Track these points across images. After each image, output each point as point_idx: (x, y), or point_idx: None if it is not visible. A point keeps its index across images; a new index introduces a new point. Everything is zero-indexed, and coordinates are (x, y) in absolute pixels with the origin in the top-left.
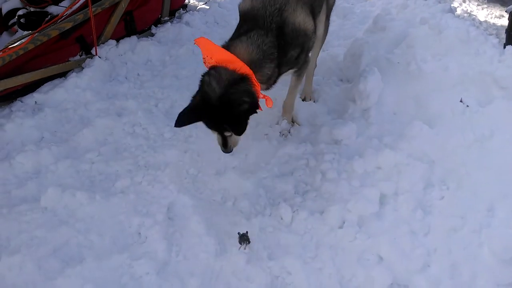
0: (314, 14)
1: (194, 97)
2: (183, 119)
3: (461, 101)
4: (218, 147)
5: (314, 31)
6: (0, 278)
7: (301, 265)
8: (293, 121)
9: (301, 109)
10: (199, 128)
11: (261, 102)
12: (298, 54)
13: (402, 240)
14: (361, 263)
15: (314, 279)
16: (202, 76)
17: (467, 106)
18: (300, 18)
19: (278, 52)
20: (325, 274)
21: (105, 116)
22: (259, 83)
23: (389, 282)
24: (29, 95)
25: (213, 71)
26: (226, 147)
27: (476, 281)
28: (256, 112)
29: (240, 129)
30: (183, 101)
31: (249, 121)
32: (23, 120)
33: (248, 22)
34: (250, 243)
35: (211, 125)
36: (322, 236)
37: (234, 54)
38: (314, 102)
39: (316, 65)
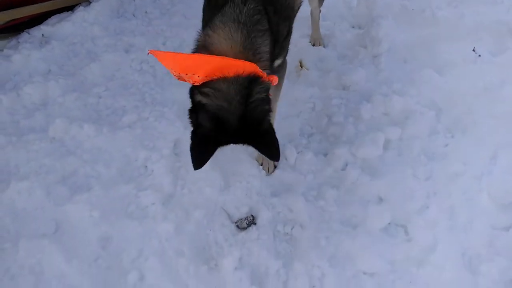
0: None
1: (196, 128)
2: (203, 158)
3: (473, 50)
4: None
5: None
6: (10, 202)
7: (303, 203)
8: (301, 66)
9: (310, 53)
10: None
11: None
12: (286, 36)
13: (403, 183)
14: (362, 203)
15: (315, 216)
16: (194, 98)
17: (479, 55)
18: None
19: (268, 21)
20: (326, 212)
21: (113, 52)
22: (263, 70)
23: (387, 221)
24: (36, 27)
25: (209, 90)
26: None
27: (472, 224)
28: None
29: (277, 151)
30: (191, 40)
31: None
32: (30, 52)
33: None
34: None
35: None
36: (325, 177)
37: (219, 50)
38: (323, 47)
39: (320, 10)
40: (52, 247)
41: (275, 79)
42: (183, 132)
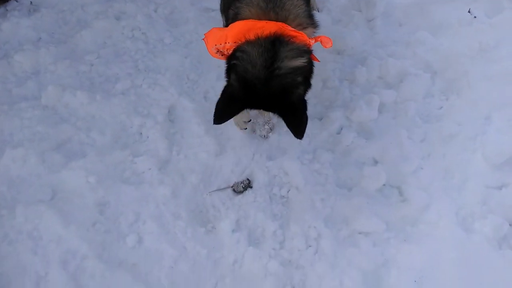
0: None
1: (227, 86)
2: (224, 115)
3: (469, 11)
4: None
5: None
6: (5, 170)
7: (299, 166)
8: None
9: None
10: (200, 35)
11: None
12: None
13: (398, 145)
14: (357, 165)
15: (310, 179)
16: (229, 63)
17: (475, 17)
18: None
19: None
20: (322, 175)
21: (103, 19)
22: (301, 29)
23: (382, 183)
24: None
25: (239, 53)
26: None
27: (466, 183)
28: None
29: (301, 129)
30: (183, 7)
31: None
32: (19, 20)
33: None
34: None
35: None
36: (320, 141)
37: (243, 17)
38: (318, 11)
39: None
40: (49, 212)
41: (325, 40)
42: (177, 98)
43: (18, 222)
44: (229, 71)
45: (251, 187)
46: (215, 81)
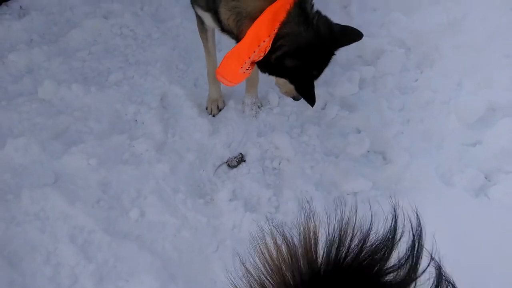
0: None
1: (300, 75)
2: (311, 93)
3: None
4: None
5: None
6: (8, 159)
7: (288, 140)
8: None
9: None
10: (186, 29)
11: None
12: None
13: (379, 115)
14: (342, 135)
15: (300, 150)
16: (275, 60)
17: None
18: None
19: None
20: (310, 146)
21: (92, 18)
22: None
23: (366, 148)
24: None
25: (280, 42)
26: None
27: (443, 142)
28: None
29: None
30: (168, 4)
31: None
32: (10, 23)
33: None
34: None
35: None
36: (306, 116)
37: (258, 8)
38: None
39: None
40: (54, 193)
41: None
42: (169, 86)
43: (25, 205)
44: (286, 71)
45: (244, 161)
46: (203, 69)
